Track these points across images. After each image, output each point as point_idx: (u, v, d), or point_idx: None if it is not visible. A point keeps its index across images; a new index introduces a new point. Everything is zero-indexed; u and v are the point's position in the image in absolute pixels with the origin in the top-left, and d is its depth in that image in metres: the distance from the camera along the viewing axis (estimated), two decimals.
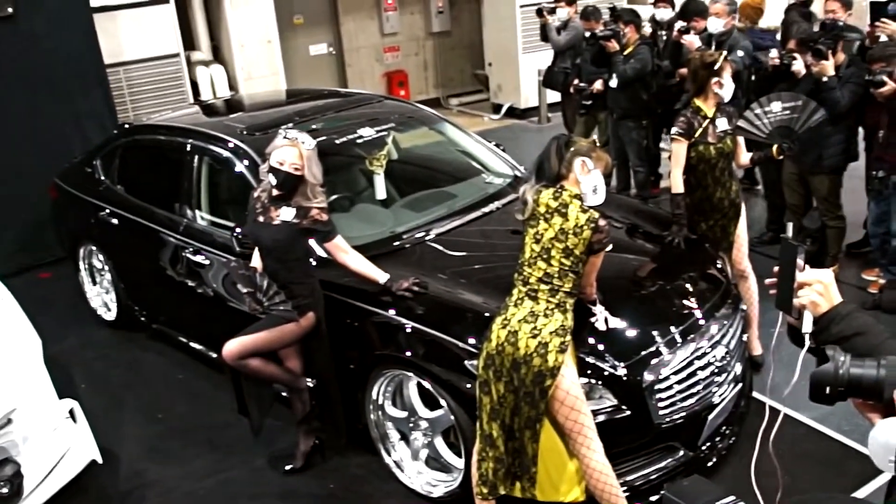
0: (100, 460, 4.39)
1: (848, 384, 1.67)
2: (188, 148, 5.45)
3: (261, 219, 4.19)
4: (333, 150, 5.28)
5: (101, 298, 6.44)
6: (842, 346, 1.84)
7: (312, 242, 4.34)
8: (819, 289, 1.97)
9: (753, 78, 6.62)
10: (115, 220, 5.91)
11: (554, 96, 9.55)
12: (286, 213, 4.12)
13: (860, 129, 6.14)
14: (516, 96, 12.00)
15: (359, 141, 5.36)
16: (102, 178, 6.20)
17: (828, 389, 1.69)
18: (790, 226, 6.45)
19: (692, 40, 6.69)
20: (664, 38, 7.56)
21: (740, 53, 6.58)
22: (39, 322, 4.69)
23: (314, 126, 5.37)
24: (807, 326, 1.95)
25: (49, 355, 4.54)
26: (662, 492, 1.66)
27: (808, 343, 1.93)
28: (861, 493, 4.00)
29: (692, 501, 1.72)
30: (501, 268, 4.18)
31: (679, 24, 6.92)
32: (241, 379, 4.31)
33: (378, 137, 5.43)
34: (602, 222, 3.59)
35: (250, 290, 4.17)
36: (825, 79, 5.63)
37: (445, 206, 5.14)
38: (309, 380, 4.40)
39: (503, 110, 12.17)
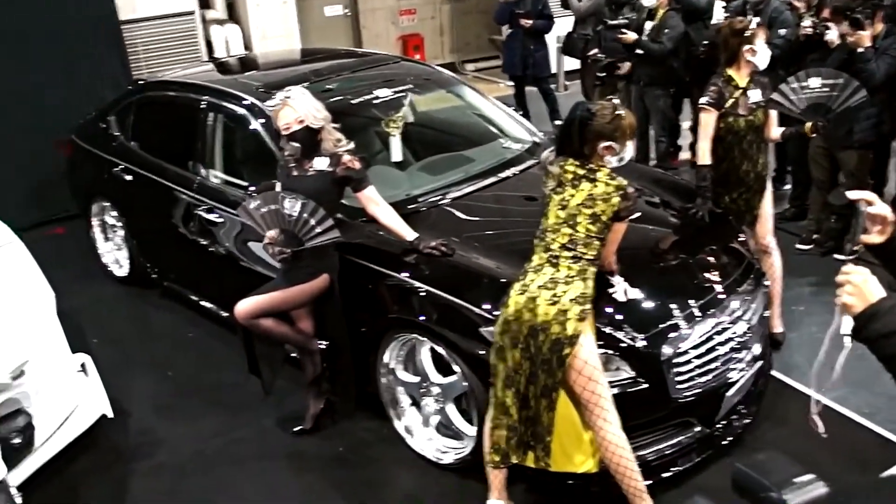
0: (110, 415, 4.40)
1: None
2: (203, 105, 5.37)
3: (295, 172, 4.21)
4: (349, 111, 5.17)
5: (114, 255, 6.40)
6: (884, 343, 1.87)
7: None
8: (850, 290, 1.97)
9: None
10: (128, 177, 5.85)
11: (573, 63, 9.39)
12: (320, 163, 4.18)
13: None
14: None
15: (375, 102, 5.27)
16: (116, 133, 6.13)
17: None
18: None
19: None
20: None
21: (782, 32, 6.16)
22: (52, 277, 4.65)
23: (329, 86, 5.28)
24: (845, 328, 1.97)
25: (62, 310, 4.52)
26: (736, 464, 1.62)
27: (847, 345, 1.96)
28: None
29: (767, 475, 1.67)
30: (516, 234, 4.11)
31: None
32: (252, 339, 4.27)
33: (395, 99, 5.32)
34: (630, 189, 3.52)
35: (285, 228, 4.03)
36: (861, 50, 5.43)
37: (462, 170, 5.05)
38: (321, 342, 4.35)
39: None
